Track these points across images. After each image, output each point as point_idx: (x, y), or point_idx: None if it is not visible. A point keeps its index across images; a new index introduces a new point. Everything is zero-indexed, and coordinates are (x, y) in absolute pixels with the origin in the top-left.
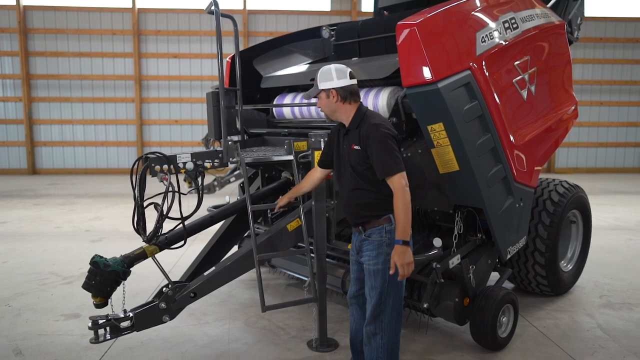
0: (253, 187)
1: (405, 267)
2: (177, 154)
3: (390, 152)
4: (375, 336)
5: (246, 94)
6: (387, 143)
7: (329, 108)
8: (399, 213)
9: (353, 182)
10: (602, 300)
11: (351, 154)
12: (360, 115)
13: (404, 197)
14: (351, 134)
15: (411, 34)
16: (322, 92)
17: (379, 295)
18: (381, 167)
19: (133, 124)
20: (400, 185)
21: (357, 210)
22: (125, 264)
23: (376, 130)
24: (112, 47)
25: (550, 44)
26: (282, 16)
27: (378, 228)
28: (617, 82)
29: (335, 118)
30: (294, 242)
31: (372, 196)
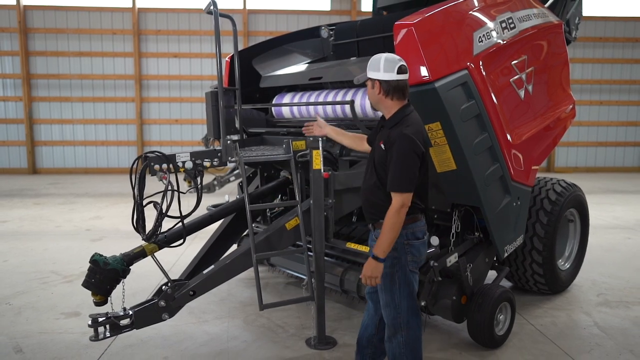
0: (252, 187)
1: (368, 280)
2: (177, 153)
3: (405, 169)
4: (395, 335)
5: (245, 93)
6: (407, 159)
7: (372, 98)
8: (385, 230)
9: (371, 178)
10: (600, 298)
11: (377, 151)
12: (401, 115)
13: (395, 217)
14: (385, 131)
15: (408, 33)
16: (369, 80)
17: (391, 299)
18: (392, 179)
19: (133, 124)
20: (398, 204)
21: (369, 207)
22: (124, 263)
23: (403, 141)
24: (113, 47)
25: (547, 43)
26: (282, 16)
27: None
28: (616, 82)
29: (379, 109)
30: (293, 241)
31: (383, 198)
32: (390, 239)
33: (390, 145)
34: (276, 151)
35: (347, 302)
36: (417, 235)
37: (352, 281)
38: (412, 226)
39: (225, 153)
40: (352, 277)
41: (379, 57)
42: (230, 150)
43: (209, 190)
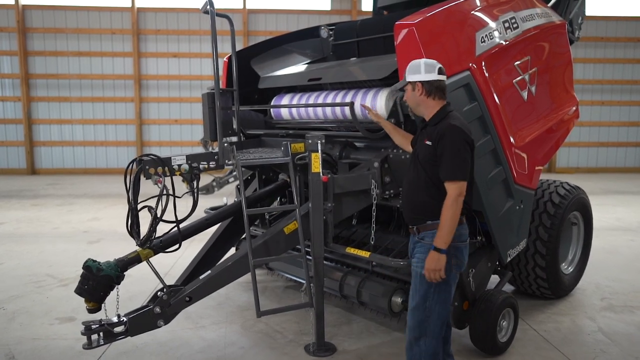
0: (250, 189)
1: (432, 273)
2: (172, 156)
3: (459, 158)
4: (418, 341)
5: (243, 94)
6: (459, 148)
7: (413, 101)
8: (444, 220)
9: (417, 178)
10: (604, 303)
11: (422, 149)
12: (443, 113)
13: (453, 207)
14: (428, 129)
15: (409, 34)
16: (409, 84)
17: (422, 299)
18: (446, 169)
19: (132, 124)
20: (455, 193)
21: (414, 208)
22: (119, 268)
23: (453, 131)
24: (112, 47)
25: (551, 43)
26: (282, 15)
27: (433, 232)
28: (618, 82)
29: (419, 112)
30: (291, 246)
31: (431, 196)
32: (451, 229)
33: (439, 139)
34: (274, 154)
35: (346, 306)
36: (462, 237)
37: (352, 286)
38: (458, 227)
39: (222, 155)
40: (352, 282)
41: (418, 61)
42: (227, 152)
43: (208, 191)
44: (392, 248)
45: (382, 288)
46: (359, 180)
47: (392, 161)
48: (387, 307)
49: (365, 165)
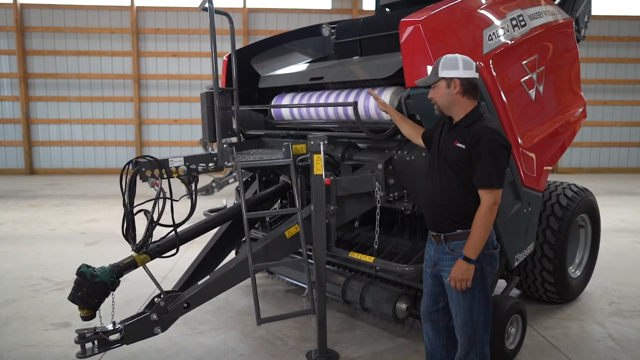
0: (250, 191)
1: (458, 282)
2: (169, 158)
3: (498, 165)
4: (469, 354)
5: (243, 94)
6: (499, 154)
7: (446, 99)
8: (476, 229)
9: (446, 182)
10: (612, 307)
11: (451, 151)
12: (477, 114)
13: (487, 216)
14: (459, 130)
15: (415, 31)
16: (442, 80)
17: (469, 315)
18: (483, 176)
19: (132, 124)
20: (490, 202)
21: (442, 213)
22: (114, 274)
23: (492, 136)
24: (111, 46)
25: (558, 42)
26: (283, 14)
27: (464, 241)
28: (621, 82)
29: (449, 112)
30: (293, 250)
31: (464, 202)
32: (483, 239)
33: (476, 142)
34: (275, 155)
35: (349, 311)
36: (494, 243)
37: (355, 291)
38: (490, 234)
39: (221, 157)
40: (355, 287)
41: (455, 56)
42: (226, 154)
43: (207, 192)
44: (396, 252)
45: (386, 293)
46: (362, 182)
47: (396, 162)
48: (392, 313)
49: (368, 166)
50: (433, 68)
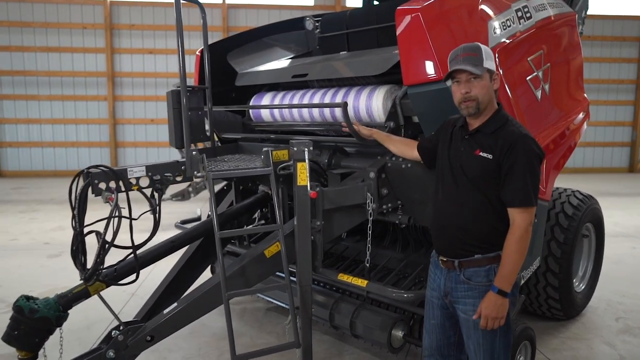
0: (226, 202)
1: (492, 321)
2: (128, 167)
3: (535, 179)
4: None
5: (218, 93)
6: (535, 166)
7: (488, 95)
8: (510, 256)
9: (464, 199)
10: (619, 324)
11: (473, 162)
12: (502, 118)
13: (524, 239)
14: (480, 137)
15: (414, 20)
16: (487, 72)
17: (489, 355)
18: (517, 193)
19: (106, 124)
20: (526, 223)
21: (458, 236)
22: (60, 307)
23: (527, 144)
24: (83, 42)
25: (562, 37)
26: (264, 11)
27: (485, 269)
28: (604, 81)
29: (482, 112)
30: (273, 271)
31: (487, 223)
32: (518, 267)
33: (507, 151)
34: (253, 162)
35: (337, 334)
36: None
37: (345, 315)
38: None
39: (190, 166)
40: (344, 311)
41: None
42: (196, 162)
43: (183, 197)
44: (390, 268)
45: (380, 319)
46: (352, 193)
47: (390, 170)
48: (387, 341)
49: (359, 175)
50: (469, 54)
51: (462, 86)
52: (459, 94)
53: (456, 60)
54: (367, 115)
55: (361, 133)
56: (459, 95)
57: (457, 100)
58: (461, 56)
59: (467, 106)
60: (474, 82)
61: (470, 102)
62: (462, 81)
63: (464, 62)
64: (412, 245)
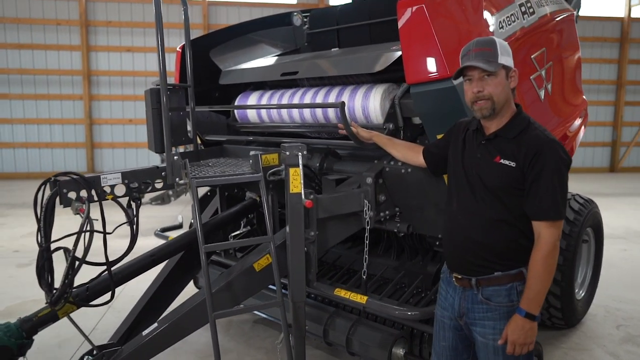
0: (210, 210)
1: (519, 348)
2: (101, 175)
3: (564, 189)
4: None
5: (202, 92)
6: (564, 174)
7: (503, 94)
8: (537, 275)
9: (483, 211)
10: (621, 332)
11: (493, 171)
12: (523, 121)
13: (552, 256)
14: (500, 142)
15: (418, 13)
16: (502, 68)
17: None
18: (545, 204)
19: (81, 124)
20: (554, 238)
21: (477, 252)
22: (23, 333)
23: (554, 150)
24: (57, 39)
25: (563, 34)
26: (245, 8)
27: (506, 287)
28: (585, 82)
29: (497, 114)
30: (264, 285)
31: (509, 238)
32: (546, 287)
33: (533, 158)
34: (240, 167)
35: (330, 349)
36: None
37: (340, 332)
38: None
39: (171, 172)
40: (340, 327)
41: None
42: (177, 168)
43: (163, 201)
44: (386, 278)
45: (380, 336)
46: (348, 200)
47: (388, 175)
48: None
49: (354, 181)
50: (483, 49)
51: (474, 84)
52: (470, 93)
53: (468, 56)
54: (364, 116)
55: (360, 136)
56: (471, 95)
57: (470, 100)
58: (473, 51)
59: (481, 107)
60: (487, 79)
61: (483, 102)
62: (475, 79)
63: (477, 58)
64: (408, 253)
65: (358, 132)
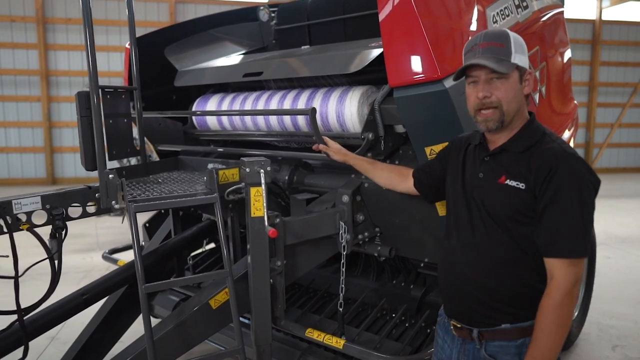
0: (162, 231)
1: None
2: (14, 198)
3: (588, 218)
4: None
5: (156, 95)
6: (586, 199)
7: (515, 102)
8: (545, 327)
9: (487, 244)
10: (617, 354)
11: (496, 193)
12: (536, 131)
13: (567, 306)
14: (507, 158)
15: (403, 4)
16: (516, 71)
17: None
18: (561, 237)
19: (40, 127)
20: (570, 281)
21: (479, 296)
22: None
23: (574, 168)
24: (12, 37)
25: (555, 32)
26: (215, 6)
27: (516, 344)
28: None
29: (508, 127)
30: (223, 325)
31: (519, 279)
32: (558, 344)
33: (546, 177)
34: (195, 184)
35: None
36: None
37: None
38: None
39: (105, 193)
40: None
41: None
42: (113, 188)
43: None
44: (366, 303)
45: None
46: (321, 222)
47: (367, 191)
48: None
49: (328, 198)
50: (493, 44)
51: (479, 87)
52: (474, 98)
53: (473, 51)
54: (339, 124)
55: (332, 157)
56: (475, 101)
57: (473, 107)
58: (480, 46)
59: (486, 118)
60: (496, 82)
61: (490, 112)
62: (481, 81)
63: (484, 55)
64: (389, 273)
65: (328, 153)
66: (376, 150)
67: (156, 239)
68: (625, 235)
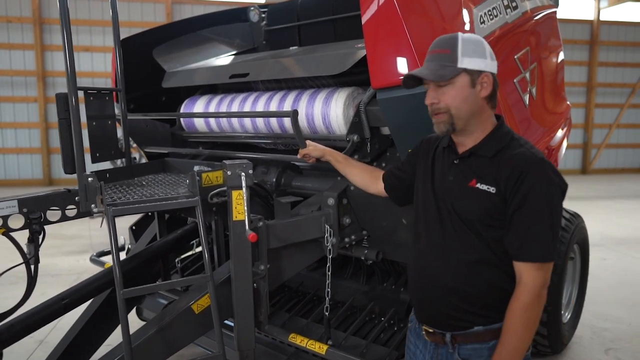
0: (149, 234)
1: None
2: None
3: (555, 222)
4: None
5: (146, 96)
6: (556, 203)
7: (469, 106)
8: (512, 327)
9: (457, 248)
10: (610, 357)
11: (467, 197)
12: (505, 136)
13: (534, 308)
14: (477, 162)
15: (387, 5)
16: (464, 74)
17: None
18: (530, 241)
19: (36, 128)
20: (538, 284)
21: (450, 300)
22: None
23: (544, 172)
24: (8, 37)
25: (547, 33)
26: (211, 7)
27: (489, 346)
28: None
29: (463, 130)
30: (206, 330)
31: (489, 282)
32: (524, 345)
33: (517, 180)
34: (178, 187)
35: None
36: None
37: None
38: None
39: (85, 197)
40: None
41: (478, 37)
42: (92, 192)
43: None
44: (354, 306)
45: None
46: (306, 226)
47: (353, 194)
48: None
49: (314, 201)
50: (439, 51)
51: (429, 94)
52: (427, 104)
53: (425, 59)
54: (324, 126)
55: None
56: (428, 106)
57: (429, 112)
58: (429, 53)
59: (437, 121)
60: (443, 88)
61: (440, 116)
62: (430, 88)
63: (428, 63)
64: (379, 276)
65: (308, 152)
66: (362, 152)
67: (142, 242)
68: (622, 236)
